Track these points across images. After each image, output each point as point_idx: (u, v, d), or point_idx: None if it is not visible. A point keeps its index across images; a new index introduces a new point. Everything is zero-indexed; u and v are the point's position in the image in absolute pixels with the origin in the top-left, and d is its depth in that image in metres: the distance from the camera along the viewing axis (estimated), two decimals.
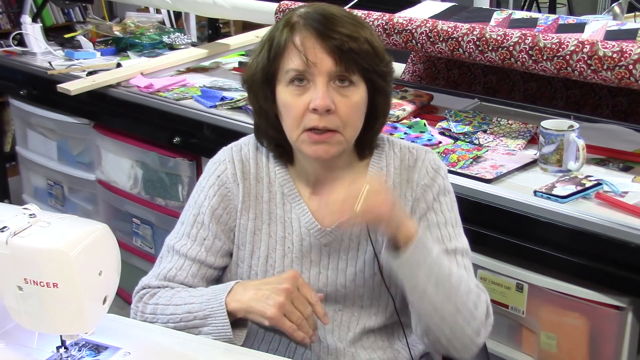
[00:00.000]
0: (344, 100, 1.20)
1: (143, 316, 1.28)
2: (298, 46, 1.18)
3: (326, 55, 1.18)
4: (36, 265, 1.00)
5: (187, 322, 1.23)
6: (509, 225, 1.65)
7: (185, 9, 3.33)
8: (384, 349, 1.33)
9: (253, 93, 1.27)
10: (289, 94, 1.21)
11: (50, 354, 1.13)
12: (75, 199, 3.08)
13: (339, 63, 1.18)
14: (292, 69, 1.19)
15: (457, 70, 2.53)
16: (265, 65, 1.23)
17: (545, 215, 1.58)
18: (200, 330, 1.22)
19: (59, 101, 2.75)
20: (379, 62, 1.23)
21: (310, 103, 1.19)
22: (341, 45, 1.17)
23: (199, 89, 2.50)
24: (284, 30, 1.21)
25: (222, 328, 1.20)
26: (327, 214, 1.18)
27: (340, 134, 1.21)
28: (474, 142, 1.97)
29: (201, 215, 1.32)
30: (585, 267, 1.55)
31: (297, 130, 1.22)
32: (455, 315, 1.18)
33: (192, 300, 1.24)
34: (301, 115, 1.20)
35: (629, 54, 1.70)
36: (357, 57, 1.19)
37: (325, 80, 1.18)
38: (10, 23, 4.80)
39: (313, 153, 1.22)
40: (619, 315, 1.54)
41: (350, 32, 1.19)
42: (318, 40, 1.18)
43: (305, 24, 1.19)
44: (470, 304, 1.20)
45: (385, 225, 1.16)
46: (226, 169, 1.33)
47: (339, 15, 1.21)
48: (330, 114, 1.19)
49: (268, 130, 1.29)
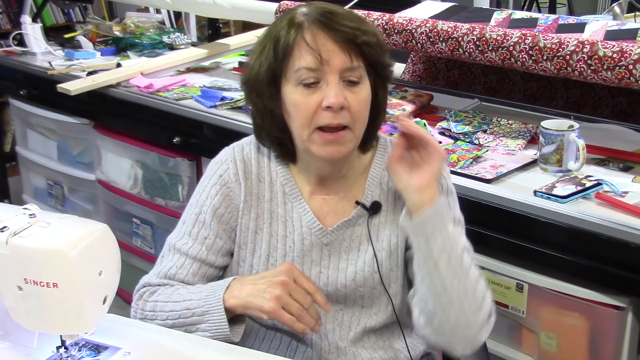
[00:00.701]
0: (354, 96, 1.20)
1: (143, 313, 1.29)
2: (310, 43, 1.18)
3: (339, 52, 1.18)
4: (36, 265, 1.01)
5: (185, 318, 1.23)
6: (509, 225, 1.65)
7: (185, 9, 3.33)
8: (385, 348, 1.33)
9: (257, 93, 1.26)
10: (298, 93, 1.21)
11: (50, 354, 1.13)
12: (75, 199, 3.08)
13: (354, 58, 1.19)
14: (304, 67, 1.19)
15: (457, 70, 2.53)
16: (272, 65, 1.22)
17: (545, 215, 1.58)
18: (198, 327, 1.22)
19: (59, 101, 2.75)
20: (383, 53, 1.24)
21: (322, 101, 1.19)
22: (354, 38, 1.18)
23: (199, 89, 2.50)
24: (291, 30, 1.20)
25: (220, 325, 1.20)
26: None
27: (351, 131, 1.21)
28: (474, 142, 1.97)
29: (203, 214, 1.32)
30: (585, 267, 1.55)
31: (307, 130, 1.21)
32: (463, 300, 1.16)
33: (191, 297, 1.25)
34: (312, 114, 1.20)
35: (629, 54, 1.70)
36: (369, 49, 1.20)
37: (337, 78, 1.19)
38: (10, 23, 4.80)
39: (326, 154, 1.22)
40: (619, 315, 1.54)
41: (358, 26, 1.20)
42: (329, 37, 1.18)
43: (313, 22, 1.19)
44: (478, 292, 1.18)
45: (428, 176, 1.17)
46: (228, 168, 1.33)
47: (341, 12, 1.22)
48: (342, 111, 1.19)
49: (273, 130, 1.28)
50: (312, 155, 1.25)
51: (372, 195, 1.31)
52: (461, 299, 1.17)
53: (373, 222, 1.30)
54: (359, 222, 1.31)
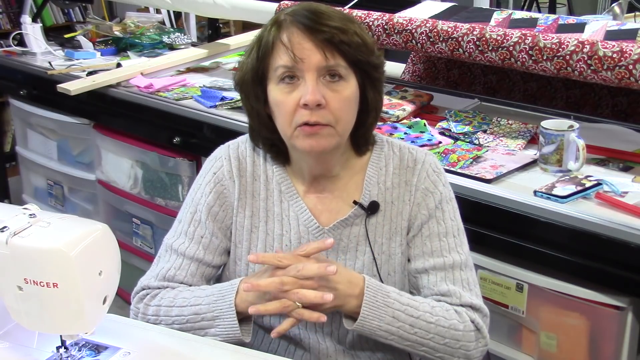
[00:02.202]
0: (335, 95, 1.20)
1: (145, 317, 1.28)
2: (285, 43, 1.19)
3: (315, 50, 1.18)
4: (36, 265, 1.00)
5: (194, 323, 1.23)
6: (509, 225, 1.65)
7: (185, 9, 3.33)
8: (383, 351, 1.33)
9: (245, 94, 1.28)
10: (279, 91, 1.21)
11: (50, 354, 1.13)
12: (75, 199, 3.07)
13: (329, 57, 1.18)
14: (281, 66, 1.20)
15: (457, 70, 2.53)
16: (255, 65, 1.23)
17: (545, 215, 1.58)
18: (207, 331, 1.23)
19: (59, 101, 2.75)
20: (369, 54, 1.23)
21: (300, 99, 1.19)
22: (331, 38, 1.18)
23: (199, 89, 2.50)
24: (272, 29, 1.21)
25: (231, 329, 1.21)
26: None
27: (332, 128, 1.21)
28: (474, 142, 1.97)
29: (198, 213, 1.32)
30: (585, 267, 1.55)
31: (290, 128, 1.22)
32: (433, 353, 1.22)
33: (198, 301, 1.24)
34: (292, 112, 1.20)
35: (629, 54, 1.70)
36: (348, 48, 1.19)
37: (314, 76, 1.19)
38: (10, 23, 4.80)
39: (307, 146, 1.22)
40: (619, 315, 1.54)
41: (339, 25, 1.19)
42: (305, 35, 1.18)
43: (293, 21, 1.20)
44: (445, 340, 1.22)
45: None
46: (222, 166, 1.33)
47: (327, 11, 1.22)
48: (321, 109, 1.19)
49: (261, 130, 1.29)
50: (298, 151, 1.26)
51: (370, 195, 1.31)
52: (432, 352, 1.22)
53: (371, 222, 1.30)
54: (356, 222, 1.30)
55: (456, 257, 1.28)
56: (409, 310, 1.21)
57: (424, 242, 1.29)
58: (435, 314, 1.22)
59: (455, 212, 1.32)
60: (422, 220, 1.30)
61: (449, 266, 1.27)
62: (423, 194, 1.30)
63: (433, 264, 1.28)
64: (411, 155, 1.33)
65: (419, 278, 1.29)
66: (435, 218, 1.29)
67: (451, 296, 1.25)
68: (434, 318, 1.22)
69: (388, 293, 1.21)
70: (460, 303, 1.25)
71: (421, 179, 1.31)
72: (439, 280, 1.27)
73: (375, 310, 1.19)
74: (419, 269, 1.29)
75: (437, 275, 1.27)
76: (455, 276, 1.27)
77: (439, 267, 1.27)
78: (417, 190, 1.30)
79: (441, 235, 1.29)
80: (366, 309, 1.18)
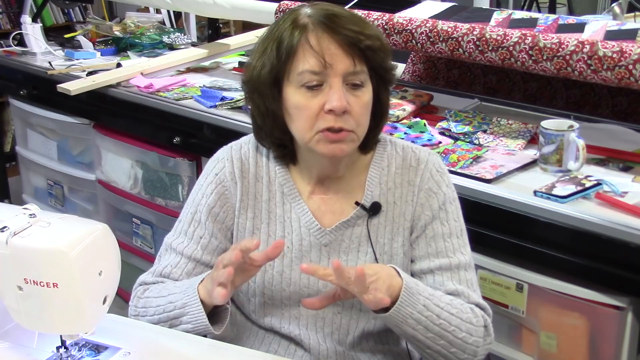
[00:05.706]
0: (357, 100, 1.20)
1: (136, 310, 1.29)
2: (314, 46, 1.18)
3: (343, 55, 1.18)
4: (36, 265, 1.00)
5: (169, 312, 1.23)
6: (509, 225, 1.65)
7: (185, 9, 3.32)
8: (384, 352, 1.33)
9: (258, 94, 1.26)
10: (301, 96, 1.20)
11: (50, 354, 1.13)
12: (75, 199, 3.08)
13: (357, 63, 1.18)
14: (307, 71, 1.19)
15: (457, 70, 2.53)
16: (275, 66, 1.22)
17: (545, 215, 1.58)
18: (181, 320, 1.22)
19: (59, 101, 2.75)
20: (386, 57, 1.24)
21: (325, 104, 1.19)
22: (358, 43, 1.18)
23: (199, 89, 2.50)
24: (295, 31, 1.20)
25: (198, 315, 1.19)
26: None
27: (354, 133, 1.22)
28: (474, 142, 1.97)
29: (198, 213, 1.32)
30: (585, 267, 1.54)
31: (310, 132, 1.21)
32: (449, 348, 1.20)
33: (175, 290, 1.25)
34: (315, 117, 1.20)
35: (629, 54, 1.70)
36: (372, 54, 1.20)
37: (340, 82, 1.18)
38: (10, 23, 4.80)
39: (329, 152, 1.22)
40: (619, 315, 1.54)
41: (361, 29, 1.19)
42: (333, 40, 1.18)
43: (317, 24, 1.19)
44: (463, 334, 1.21)
45: (370, 300, 1.13)
46: (224, 167, 1.33)
47: (345, 14, 1.22)
48: (345, 115, 1.19)
49: (274, 131, 1.28)
50: (315, 154, 1.25)
51: (372, 196, 1.31)
52: (446, 347, 1.20)
53: (372, 222, 1.30)
54: (358, 223, 1.30)
55: (461, 258, 1.28)
56: (435, 300, 1.20)
57: (429, 243, 1.29)
58: (455, 306, 1.21)
59: (458, 212, 1.32)
60: (426, 221, 1.30)
61: (454, 267, 1.27)
62: (426, 194, 1.30)
63: (438, 264, 1.28)
64: (414, 154, 1.33)
65: (423, 278, 1.29)
66: (439, 219, 1.29)
67: (459, 295, 1.25)
68: (454, 310, 1.21)
69: (417, 281, 1.21)
70: (468, 302, 1.25)
71: (424, 179, 1.31)
72: (446, 280, 1.27)
73: (411, 297, 1.16)
74: (424, 269, 1.29)
75: (443, 276, 1.27)
76: (461, 276, 1.27)
77: (445, 267, 1.27)
78: (420, 191, 1.30)
79: (445, 236, 1.29)
80: (405, 294, 1.16)
